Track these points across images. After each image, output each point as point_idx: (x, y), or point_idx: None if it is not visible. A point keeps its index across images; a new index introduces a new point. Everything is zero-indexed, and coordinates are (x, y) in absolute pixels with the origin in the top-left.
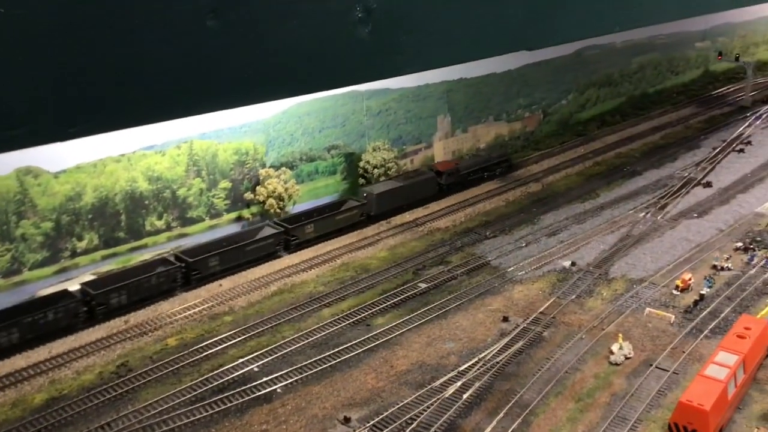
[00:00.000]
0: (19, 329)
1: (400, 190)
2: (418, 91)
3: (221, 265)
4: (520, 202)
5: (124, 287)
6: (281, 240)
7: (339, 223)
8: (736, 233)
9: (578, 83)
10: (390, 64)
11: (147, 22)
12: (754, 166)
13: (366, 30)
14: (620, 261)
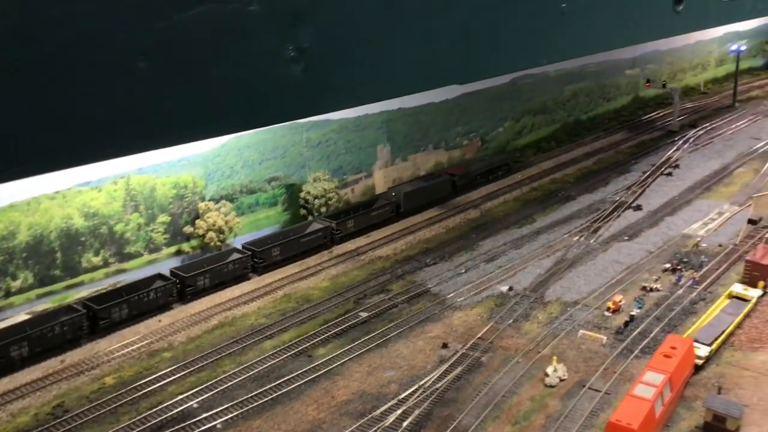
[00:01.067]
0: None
1: (423, 190)
2: (358, 121)
3: (281, 255)
4: (459, 229)
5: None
6: (329, 233)
7: (374, 219)
8: (665, 255)
9: (514, 111)
10: (323, 100)
11: (75, 65)
12: (681, 189)
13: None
14: (555, 284)
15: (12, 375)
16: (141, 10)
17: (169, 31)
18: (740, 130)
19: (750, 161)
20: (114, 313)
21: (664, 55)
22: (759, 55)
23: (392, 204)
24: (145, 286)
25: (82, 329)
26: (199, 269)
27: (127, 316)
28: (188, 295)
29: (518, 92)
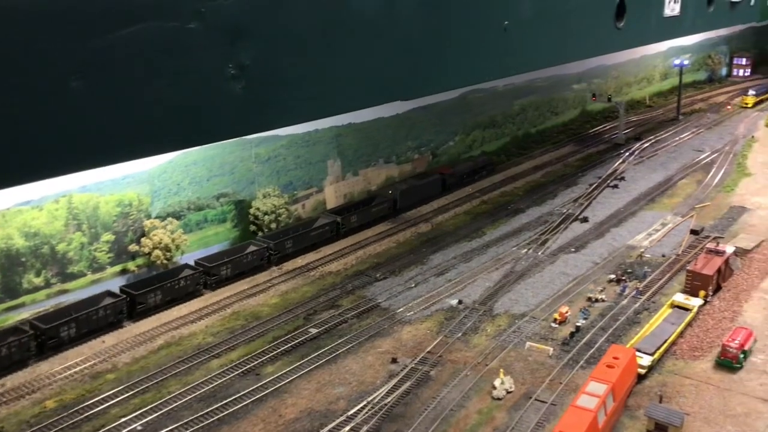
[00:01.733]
0: None
1: (417, 188)
2: (308, 136)
3: (294, 247)
4: (410, 243)
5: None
6: (334, 227)
7: (374, 215)
8: (610, 266)
9: (464, 125)
10: (265, 118)
11: (8, 86)
12: (627, 201)
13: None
14: (504, 297)
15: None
16: (73, 28)
17: (104, 49)
18: (683, 142)
19: (693, 173)
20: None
21: (610, 70)
22: (702, 68)
23: (390, 201)
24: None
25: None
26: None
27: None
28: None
29: (468, 106)
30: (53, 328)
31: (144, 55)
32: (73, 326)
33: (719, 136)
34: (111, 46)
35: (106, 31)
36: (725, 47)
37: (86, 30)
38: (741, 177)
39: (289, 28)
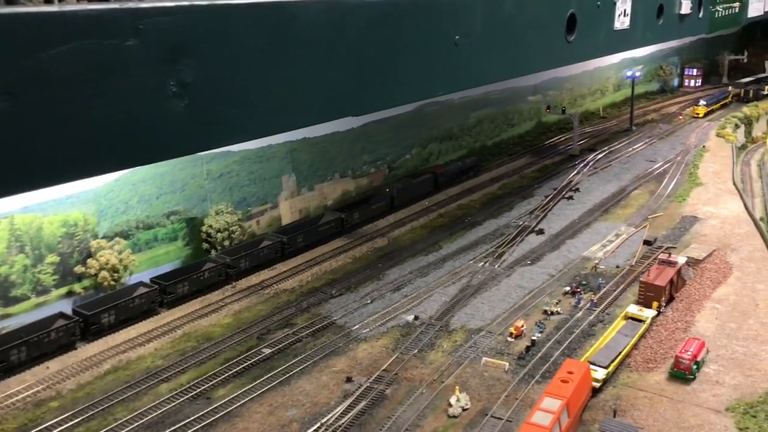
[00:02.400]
0: None
1: (413, 186)
2: (261, 152)
3: (305, 241)
4: (366, 258)
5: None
6: (340, 223)
7: (374, 212)
8: (565, 278)
9: (421, 138)
10: (210, 136)
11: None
12: (581, 212)
13: (182, 104)
14: (460, 312)
15: None
16: (2, 48)
17: (36, 68)
18: (637, 152)
19: (645, 183)
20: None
21: (564, 82)
22: (655, 79)
23: (388, 198)
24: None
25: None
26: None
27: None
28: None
29: (424, 119)
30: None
31: (80, 73)
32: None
33: (671, 146)
34: (43, 65)
35: (38, 50)
36: (676, 58)
37: (15, 50)
38: (693, 187)
39: (234, 45)
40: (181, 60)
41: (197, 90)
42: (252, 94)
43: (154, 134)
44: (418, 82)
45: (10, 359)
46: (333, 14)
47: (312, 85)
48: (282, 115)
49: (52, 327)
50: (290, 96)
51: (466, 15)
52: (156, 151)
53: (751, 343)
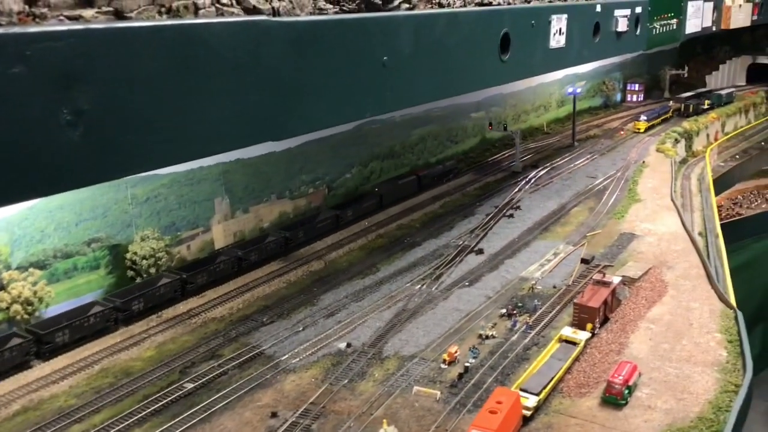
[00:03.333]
0: None
1: (399, 186)
2: (191, 174)
3: (305, 236)
4: (301, 283)
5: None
6: (336, 220)
7: (363, 210)
8: (502, 299)
9: (361, 157)
10: (110, 166)
11: None
12: (521, 230)
13: (77, 133)
14: (394, 338)
15: None
16: None
17: None
18: (578, 168)
19: (585, 200)
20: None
21: (508, 98)
22: (598, 94)
23: (378, 197)
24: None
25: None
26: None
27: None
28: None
29: (364, 138)
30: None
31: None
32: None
33: (612, 161)
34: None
35: None
36: (619, 74)
37: None
38: (632, 203)
39: (135, 70)
40: (76, 87)
41: (94, 118)
42: (156, 120)
43: (47, 166)
44: (344, 104)
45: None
46: (247, 36)
47: (224, 109)
48: (191, 141)
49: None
50: (200, 122)
51: (395, 35)
52: (50, 183)
53: (684, 365)
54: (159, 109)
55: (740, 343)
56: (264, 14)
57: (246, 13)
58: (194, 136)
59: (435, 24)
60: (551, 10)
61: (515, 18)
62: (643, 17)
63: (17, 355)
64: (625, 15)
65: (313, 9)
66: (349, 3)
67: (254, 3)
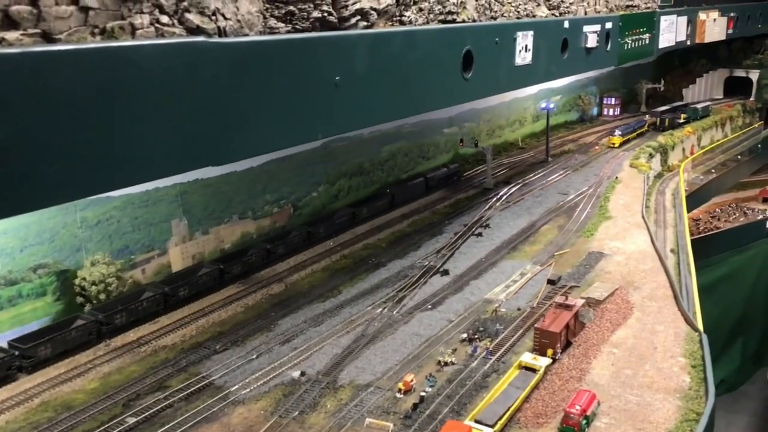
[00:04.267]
0: None
1: (408, 188)
2: (146, 196)
3: (327, 231)
4: (259, 307)
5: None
6: (353, 215)
7: (378, 209)
8: (465, 323)
9: (329, 175)
10: (28, 197)
11: None
12: (489, 250)
13: None
14: (351, 365)
15: None
16: None
17: None
18: (550, 185)
19: (556, 217)
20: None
21: (482, 113)
22: (574, 109)
23: (389, 196)
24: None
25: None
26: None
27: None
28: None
29: (332, 155)
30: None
31: None
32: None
33: (585, 177)
34: None
35: None
36: (595, 88)
37: None
38: (602, 220)
39: (55, 95)
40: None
41: (8, 147)
42: (80, 148)
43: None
44: (293, 126)
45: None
46: (183, 58)
47: (157, 134)
48: (120, 169)
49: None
50: (129, 148)
51: (348, 54)
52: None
53: (645, 392)
54: (82, 137)
55: (704, 368)
56: (208, 34)
57: (189, 33)
58: (123, 163)
59: (391, 42)
60: (516, 27)
61: (478, 35)
62: (614, 33)
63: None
64: (594, 31)
65: (264, 28)
66: (302, 21)
67: (198, 23)
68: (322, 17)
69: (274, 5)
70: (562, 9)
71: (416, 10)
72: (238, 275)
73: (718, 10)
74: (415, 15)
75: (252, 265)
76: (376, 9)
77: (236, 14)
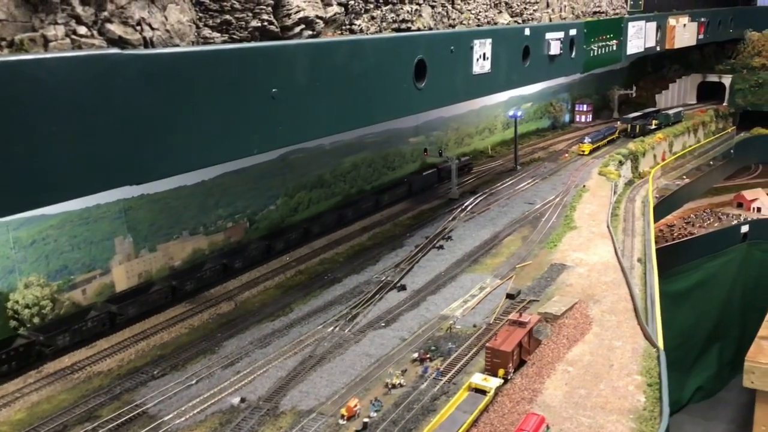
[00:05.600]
0: None
1: (423, 177)
2: (86, 213)
3: (390, 198)
4: (206, 327)
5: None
6: (377, 201)
7: (398, 195)
8: (418, 342)
9: (287, 187)
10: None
11: None
12: (449, 263)
13: None
14: (295, 389)
15: None
16: None
17: None
18: (517, 194)
19: (520, 228)
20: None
21: (449, 122)
22: (546, 116)
23: (408, 185)
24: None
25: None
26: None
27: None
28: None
29: (290, 167)
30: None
31: None
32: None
33: (552, 186)
34: None
35: None
36: (566, 94)
37: None
38: (566, 231)
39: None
40: None
41: None
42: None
43: None
44: (224, 141)
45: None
46: (93, 72)
47: (66, 153)
48: (21, 192)
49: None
50: (32, 168)
51: (287, 66)
52: None
53: (598, 413)
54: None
55: (660, 387)
56: (133, 45)
57: (110, 44)
58: (26, 184)
59: (335, 52)
60: (473, 35)
61: (431, 44)
62: (579, 40)
63: None
64: (558, 38)
65: (197, 38)
66: (240, 31)
67: (120, 33)
68: (262, 27)
69: (207, 14)
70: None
71: (368, 19)
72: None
73: (689, 16)
74: (366, 24)
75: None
76: (323, 18)
77: (165, 24)
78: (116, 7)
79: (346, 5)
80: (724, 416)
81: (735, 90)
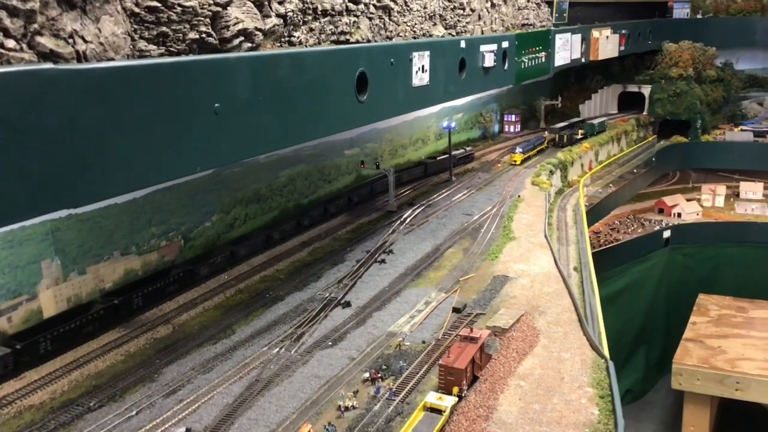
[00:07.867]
0: None
1: (438, 162)
2: (10, 236)
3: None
4: (143, 353)
5: None
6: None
7: (414, 175)
8: (368, 360)
9: (222, 203)
10: None
11: None
12: (392, 278)
13: None
14: (243, 417)
15: None
16: None
17: None
18: (454, 205)
19: (460, 240)
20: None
21: (383, 133)
22: (476, 126)
23: (424, 165)
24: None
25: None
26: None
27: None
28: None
29: (224, 183)
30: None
31: None
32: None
33: (488, 196)
34: None
35: None
36: (495, 105)
37: None
38: (506, 242)
39: None
40: None
41: None
42: None
43: None
44: (165, 160)
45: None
46: (22, 88)
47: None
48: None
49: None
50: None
51: (228, 79)
52: None
53: (554, 428)
54: None
55: (612, 398)
56: (65, 59)
57: (41, 58)
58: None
59: (277, 65)
60: (412, 47)
61: (372, 56)
62: (511, 52)
63: None
64: (491, 50)
65: (132, 51)
66: (177, 44)
67: (51, 47)
68: (200, 39)
69: (143, 26)
70: (459, 28)
71: (306, 30)
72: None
73: (611, 28)
74: (305, 35)
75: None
76: (262, 29)
77: (98, 36)
78: (47, 19)
79: (285, 17)
80: (654, 417)
81: (654, 99)
